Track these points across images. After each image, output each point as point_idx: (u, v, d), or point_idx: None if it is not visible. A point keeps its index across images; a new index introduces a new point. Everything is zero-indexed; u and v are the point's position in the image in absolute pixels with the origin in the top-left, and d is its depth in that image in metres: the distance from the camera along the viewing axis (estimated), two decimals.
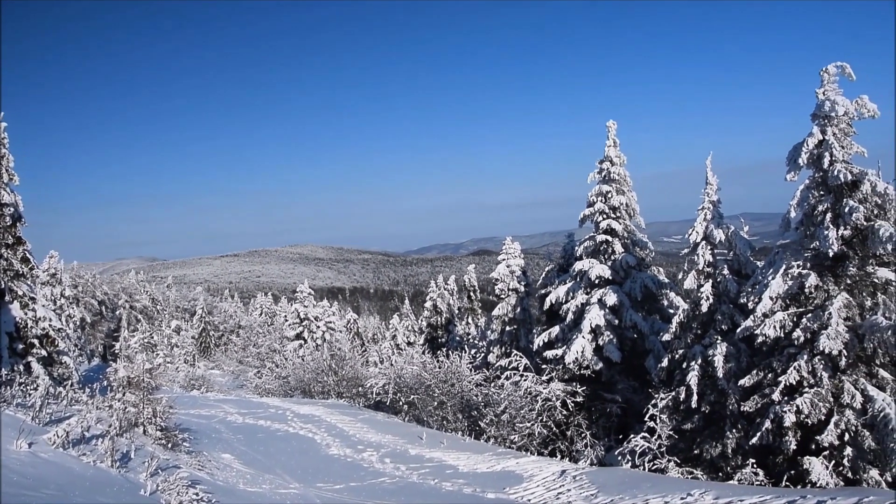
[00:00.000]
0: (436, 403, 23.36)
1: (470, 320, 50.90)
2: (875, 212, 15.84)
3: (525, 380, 22.16)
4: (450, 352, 25.55)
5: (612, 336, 22.56)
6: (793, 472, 15.70)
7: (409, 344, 53.67)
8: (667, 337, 20.16)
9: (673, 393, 19.23)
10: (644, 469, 16.90)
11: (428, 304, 49.49)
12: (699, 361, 18.91)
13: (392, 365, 26.35)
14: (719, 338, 18.98)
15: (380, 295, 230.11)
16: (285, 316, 55.40)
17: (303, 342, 47.37)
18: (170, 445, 14.13)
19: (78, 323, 58.08)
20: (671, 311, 23.11)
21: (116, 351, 56.90)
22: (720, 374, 18.25)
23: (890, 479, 14.80)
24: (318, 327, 48.91)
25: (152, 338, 54.62)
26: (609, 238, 23.83)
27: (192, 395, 31.98)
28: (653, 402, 18.86)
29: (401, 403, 24.80)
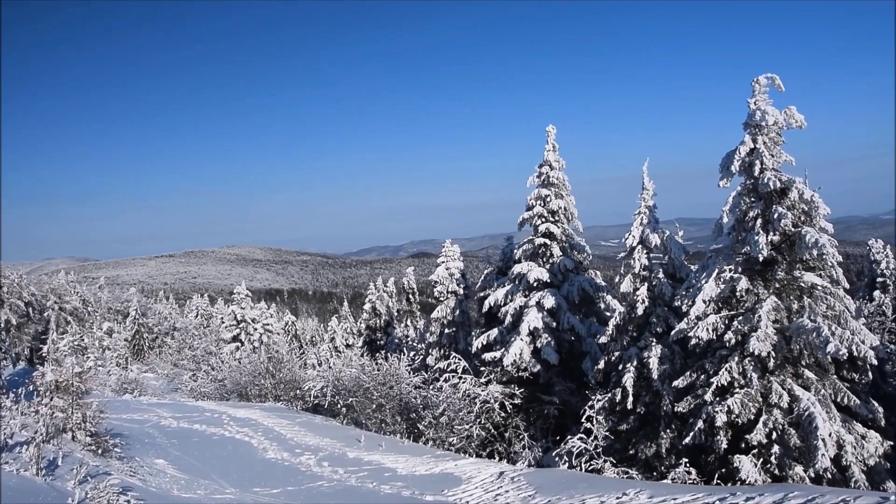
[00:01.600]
0: (374, 406, 23.31)
1: (409, 323, 50.86)
2: (802, 218, 16.42)
3: (464, 382, 22.27)
4: (389, 354, 25.52)
5: (549, 338, 22.79)
6: (724, 470, 16.12)
7: (347, 346, 53.47)
8: (603, 339, 20.49)
9: (609, 394, 19.55)
10: (581, 469, 17.15)
11: (367, 307, 49.33)
12: (635, 363, 19.26)
13: (330, 367, 26.23)
14: (654, 340, 19.36)
15: (318, 297, 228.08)
16: (222, 318, 54.60)
17: (240, 345, 46.71)
18: (100, 451, 13.82)
19: (2, 325, 56.21)
20: (608, 313, 23.48)
21: (44, 354, 54.83)
22: (655, 375, 18.63)
23: (813, 475, 15.33)
24: (256, 329, 48.29)
25: (83, 340, 53.08)
26: (547, 241, 24.07)
27: (125, 399, 31.28)
28: (589, 403, 19.14)
29: (339, 406, 24.67)
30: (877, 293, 34.29)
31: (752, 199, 17.06)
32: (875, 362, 16.31)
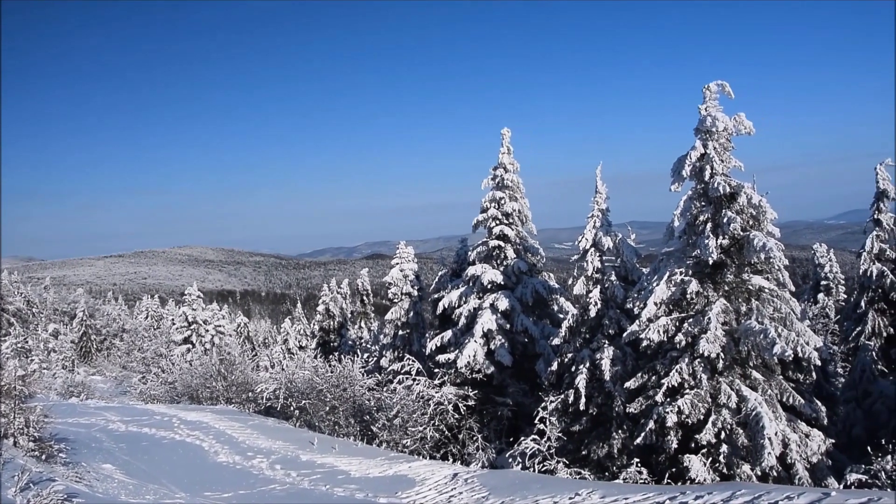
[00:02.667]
0: (328, 408, 23.17)
1: (363, 324, 50.69)
2: (750, 222, 16.78)
3: (417, 384, 22.28)
4: (342, 356, 25.39)
5: (503, 340, 22.93)
6: (674, 469, 16.38)
7: (301, 348, 53.11)
8: (556, 341, 20.68)
9: (562, 396, 19.74)
10: (534, 470, 17.28)
11: (321, 308, 49.02)
12: (587, 365, 19.48)
13: (283, 369, 25.98)
14: (606, 342, 19.60)
15: (271, 298, 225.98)
16: (173, 319, 53.74)
17: (191, 346, 46.02)
18: (44, 457, 13.46)
19: None
20: (561, 315, 23.69)
21: None
22: (607, 377, 18.86)
23: (760, 473, 15.69)
24: (207, 331, 47.63)
25: (26, 342, 51.93)
26: (502, 244, 24.21)
27: (71, 402, 30.55)
28: (543, 404, 19.30)
29: (292, 409, 24.47)
30: (821, 296, 35.17)
31: (703, 204, 17.38)
32: (818, 363, 16.74)
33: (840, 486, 15.13)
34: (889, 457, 14.47)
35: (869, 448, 15.76)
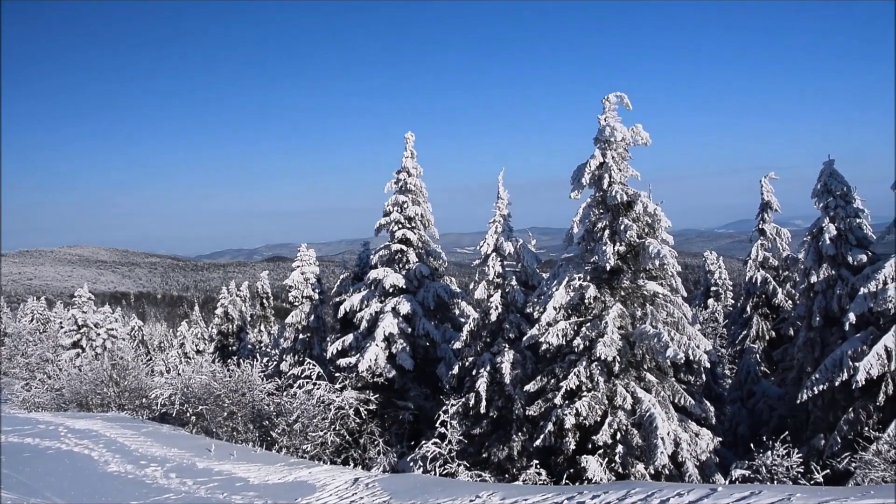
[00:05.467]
0: (226, 414, 22.65)
1: (263, 328, 49.89)
2: (646, 230, 17.36)
3: (318, 388, 22.04)
4: (241, 360, 24.86)
5: (405, 344, 22.95)
6: (572, 470, 16.77)
7: (198, 352, 51.79)
8: (458, 345, 20.83)
9: (463, 399, 19.90)
10: (435, 474, 17.35)
11: (219, 311, 47.95)
12: (488, 368, 19.70)
13: (179, 374, 25.25)
14: (507, 346, 19.87)
15: (168, 301, 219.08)
16: (61, 322, 51.46)
17: (80, 351, 44.17)
18: None
19: None
20: (462, 319, 23.88)
21: None
22: (507, 380, 19.13)
23: (653, 472, 16.26)
24: (99, 335, 45.84)
25: None
26: (404, 248, 24.25)
27: None
28: (444, 408, 19.40)
29: (188, 415, 23.80)
30: (710, 301, 36.65)
31: (601, 211, 17.88)
32: (708, 365, 17.51)
33: (726, 482, 15.81)
34: (769, 452, 15.21)
35: (752, 445, 16.53)
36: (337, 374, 23.55)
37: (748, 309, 28.06)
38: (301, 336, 29.66)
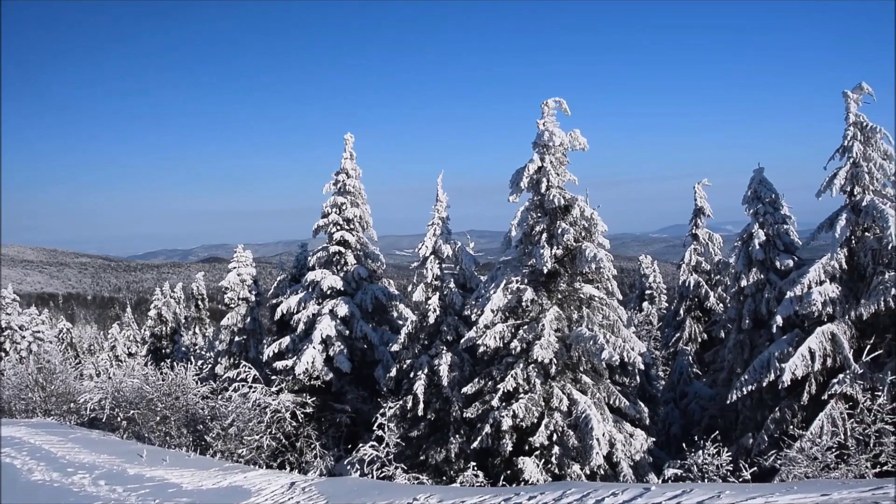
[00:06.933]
0: (158, 418, 22.18)
1: (197, 330, 49.03)
2: (583, 234, 17.62)
3: (254, 391, 21.74)
4: (175, 363, 24.42)
5: (342, 347, 22.80)
6: (509, 471, 16.90)
7: (130, 355, 50.57)
8: (396, 347, 20.79)
9: (401, 402, 19.85)
10: (373, 477, 17.27)
11: (152, 313, 47.00)
12: (426, 371, 19.70)
13: (110, 378, 24.67)
14: (445, 348, 19.91)
15: (98, 302, 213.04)
16: None
17: (4, 354, 42.83)
18: None
19: None
20: (400, 322, 23.84)
21: None
22: (445, 382, 19.16)
23: (589, 472, 16.48)
24: (24, 337, 44.51)
25: None
26: (342, 249, 24.09)
27: None
28: (381, 410, 19.29)
29: (119, 419, 23.27)
30: (645, 304, 37.34)
31: (539, 215, 18.06)
32: (642, 367, 17.86)
33: (659, 481, 16.11)
34: (701, 452, 15.56)
35: (684, 444, 16.88)
36: (273, 377, 23.28)
37: (681, 312, 28.69)
38: (237, 338, 29.22)
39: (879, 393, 15.00)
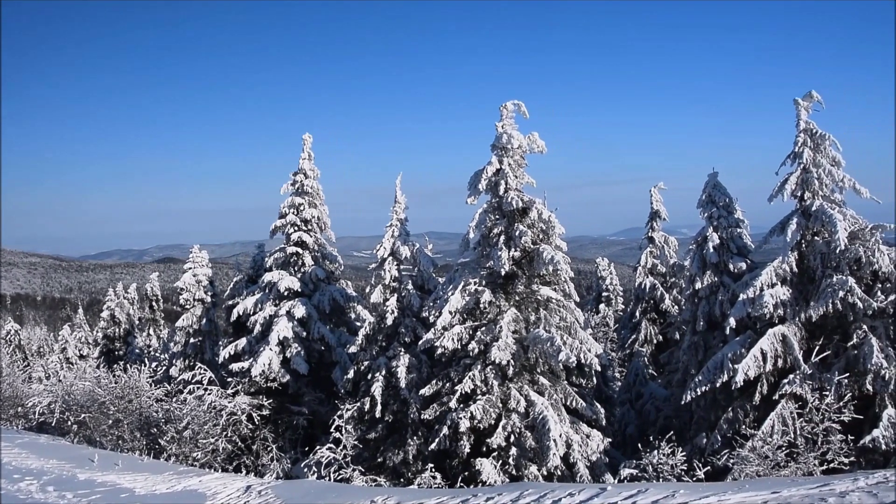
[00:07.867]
0: (111, 422, 21.77)
1: (152, 332, 48.25)
2: (541, 236, 17.75)
3: (209, 394, 21.46)
4: (128, 365, 23.97)
5: (300, 348, 22.66)
6: (467, 473, 16.92)
7: (81, 357, 49.64)
8: (353, 349, 20.74)
9: (359, 403, 19.79)
10: (330, 479, 17.18)
11: (105, 314, 46.13)
12: (384, 372, 19.67)
13: (61, 381, 24.12)
14: (403, 350, 19.89)
15: (49, 303, 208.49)
16: None
17: None
18: None
19: None
20: (358, 323, 23.78)
21: None
22: (403, 384, 19.14)
23: (546, 473, 16.60)
24: None
25: None
26: (300, 250, 23.95)
27: None
28: (339, 413, 19.22)
29: (70, 423, 22.76)
30: (602, 306, 37.63)
31: (497, 217, 18.14)
32: (599, 368, 18.03)
33: (615, 481, 16.29)
34: (656, 452, 15.77)
35: (640, 445, 17.08)
36: (230, 379, 23.02)
37: (637, 314, 29.01)
38: (192, 340, 28.85)
39: (827, 393, 15.39)
